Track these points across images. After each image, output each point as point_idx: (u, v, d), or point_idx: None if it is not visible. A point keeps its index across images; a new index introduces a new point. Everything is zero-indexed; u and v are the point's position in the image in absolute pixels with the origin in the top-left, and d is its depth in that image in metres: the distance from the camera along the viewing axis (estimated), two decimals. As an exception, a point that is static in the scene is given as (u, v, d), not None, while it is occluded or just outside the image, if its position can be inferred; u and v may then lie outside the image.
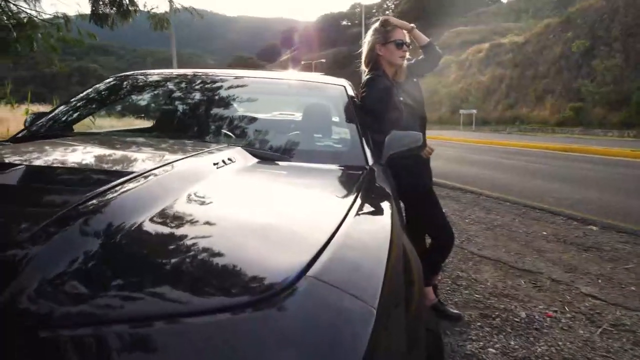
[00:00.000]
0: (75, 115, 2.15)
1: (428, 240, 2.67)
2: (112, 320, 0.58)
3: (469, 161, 10.84)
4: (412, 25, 2.38)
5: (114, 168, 1.18)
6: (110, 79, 2.31)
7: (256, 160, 1.52)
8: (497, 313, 2.69)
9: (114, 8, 5.67)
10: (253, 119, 2.00)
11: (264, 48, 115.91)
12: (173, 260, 0.73)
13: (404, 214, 2.48)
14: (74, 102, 2.20)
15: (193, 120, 2.18)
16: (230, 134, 1.91)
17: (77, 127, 2.15)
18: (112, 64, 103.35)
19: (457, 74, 35.55)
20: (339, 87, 2.19)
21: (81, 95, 2.26)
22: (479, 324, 2.56)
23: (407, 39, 2.32)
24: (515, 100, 28.74)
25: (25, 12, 5.59)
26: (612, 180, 7.70)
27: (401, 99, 2.26)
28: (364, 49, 2.39)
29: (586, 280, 3.23)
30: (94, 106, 2.26)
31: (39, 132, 1.94)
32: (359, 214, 1.03)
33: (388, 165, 1.93)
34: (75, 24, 5.91)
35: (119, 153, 1.40)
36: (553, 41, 27.90)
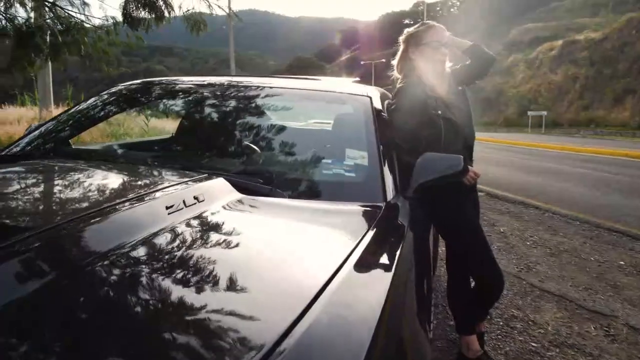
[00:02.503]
0: (72, 127, 1.96)
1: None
2: None
3: (535, 169, 9.96)
4: (447, 33, 1.97)
5: (51, 208, 1.03)
6: (109, 91, 2.11)
7: (239, 196, 1.21)
8: (558, 371, 2.21)
9: (145, 11, 5.61)
10: (252, 138, 1.69)
11: (323, 48, 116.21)
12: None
13: (435, 254, 2.09)
14: (74, 113, 2.02)
15: (202, 134, 2.01)
16: (254, 146, 1.65)
17: (77, 138, 2.01)
18: (177, 65, 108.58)
19: (526, 73, 33.80)
20: (364, 99, 1.81)
21: (82, 105, 2.07)
22: (534, 385, 2.11)
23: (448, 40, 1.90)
24: (591, 101, 26.88)
25: (74, 17, 5.68)
26: None
27: (439, 112, 1.85)
28: (397, 54, 2.02)
29: (675, 330, 2.65)
30: (94, 117, 2.06)
31: (29, 147, 1.76)
32: (350, 282, 0.80)
33: (419, 195, 1.54)
34: (124, 28, 5.95)
35: (72, 187, 1.19)
36: (636, 37, 25.78)
